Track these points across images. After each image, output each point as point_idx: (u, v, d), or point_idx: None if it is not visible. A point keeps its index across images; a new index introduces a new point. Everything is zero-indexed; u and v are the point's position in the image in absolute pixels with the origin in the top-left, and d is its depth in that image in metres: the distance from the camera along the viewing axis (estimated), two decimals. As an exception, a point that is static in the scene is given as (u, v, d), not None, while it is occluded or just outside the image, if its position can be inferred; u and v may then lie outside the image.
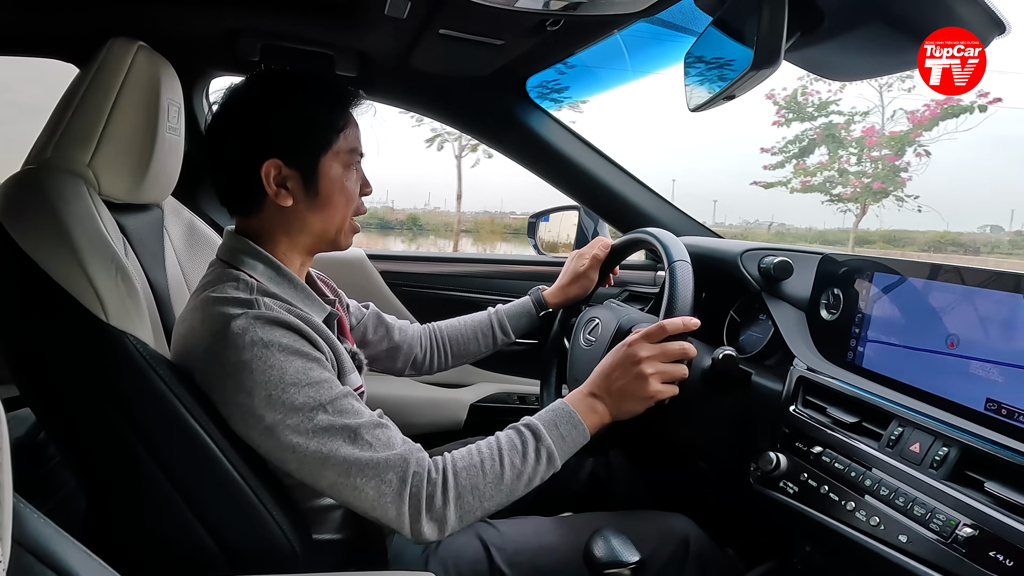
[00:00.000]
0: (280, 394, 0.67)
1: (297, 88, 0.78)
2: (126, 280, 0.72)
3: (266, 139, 0.76)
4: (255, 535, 0.71)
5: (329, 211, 0.80)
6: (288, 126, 0.76)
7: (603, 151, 1.48)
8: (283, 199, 0.77)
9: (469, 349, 1.17)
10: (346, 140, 0.80)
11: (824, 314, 0.93)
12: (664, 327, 0.80)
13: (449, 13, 0.97)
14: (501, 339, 1.16)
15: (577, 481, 1.14)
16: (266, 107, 0.77)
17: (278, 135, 0.76)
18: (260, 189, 0.76)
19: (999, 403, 0.66)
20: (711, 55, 0.86)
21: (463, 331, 1.16)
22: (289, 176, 0.77)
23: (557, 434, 0.76)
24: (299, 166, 0.77)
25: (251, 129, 0.76)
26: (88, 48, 0.84)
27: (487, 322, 1.16)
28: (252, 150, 0.76)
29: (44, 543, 0.41)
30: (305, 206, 0.78)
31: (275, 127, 0.76)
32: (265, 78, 0.80)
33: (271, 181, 0.76)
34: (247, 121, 0.77)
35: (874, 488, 0.70)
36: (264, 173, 0.76)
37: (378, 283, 1.52)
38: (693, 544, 0.90)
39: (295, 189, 0.77)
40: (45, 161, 0.77)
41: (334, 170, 0.79)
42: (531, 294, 1.18)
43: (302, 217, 0.79)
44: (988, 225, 10.16)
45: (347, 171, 0.81)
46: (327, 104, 0.79)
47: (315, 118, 0.77)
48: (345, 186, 0.80)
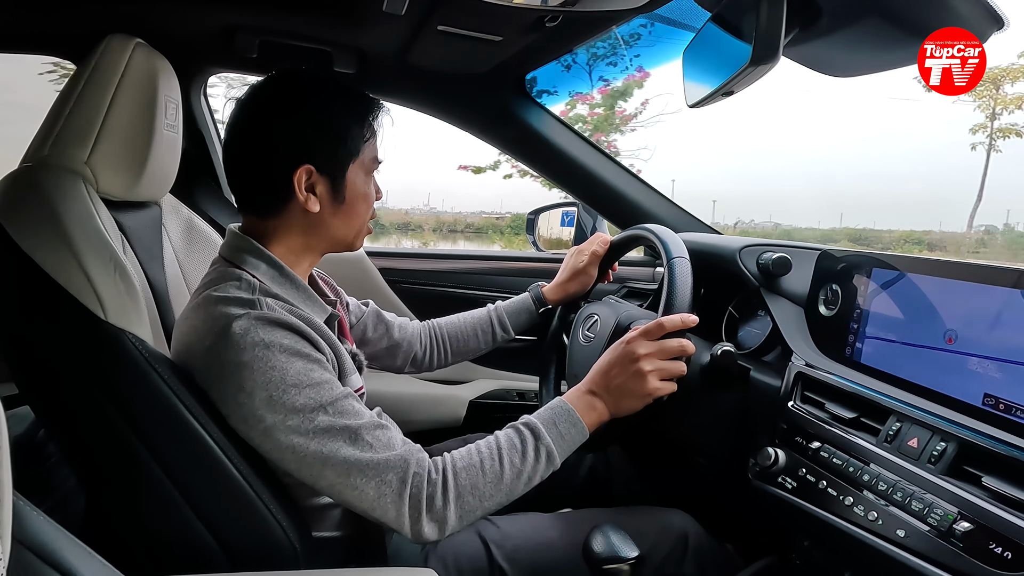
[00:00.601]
0: (281, 395, 0.67)
1: (331, 97, 0.78)
2: (124, 278, 0.72)
3: (301, 145, 0.76)
4: (255, 533, 0.71)
5: (352, 217, 0.82)
6: (324, 134, 0.77)
7: (601, 147, 1.48)
8: (311, 204, 0.77)
9: (469, 346, 1.16)
10: (370, 149, 0.81)
11: (822, 310, 0.94)
12: (663, 324, 0.80)
13: (447, 9, 0.97)
14: (501, 336, 1.16)
15: (576, 477, 1.14)
16: (301, 114, 0.77)
17: (314, 142, 0.77)
18: (287, 193, 0.77)
19: (997, 398, 0.66)
20: (709, 51, 0.86)
21: (463, 328, 1.16)
22: (318, 182, 0.77)
23: (556, 432, 0.76)
24: (329, 173, 0.78)
25: (285, 135, 0.76)
26: (85, 45, 0.83)
27: (487, 319, 1.16)
28: (285, 155, 0.76)
29: (44, 541, 0.41)
30: (330, 212, 0.79)
31: (312, 135, 0.77)
32: (293, 82, 0.79)
33: (302, 187, 0.76)
34: (280, 126, 0.76)
35: (872, 483, 0.70)
36: (296, 178, 0.76)
37: (377, 280, 1.52)
38: (692, 540, 0.90)
39: (323, 195, 0.78)
40: (42, 159, 0.77)
41: (359, 178, 0.81)
42: (530, 290, 1.18)
43: (325, 222, 0.80)
44: (984, 225, 10.33)
45: (368, 178, 0.83)
46: (358, 114, 0.80)
47: (349, 128, 0.78)
48: (367, 193, 0.82)
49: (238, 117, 0.78)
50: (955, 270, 0.74)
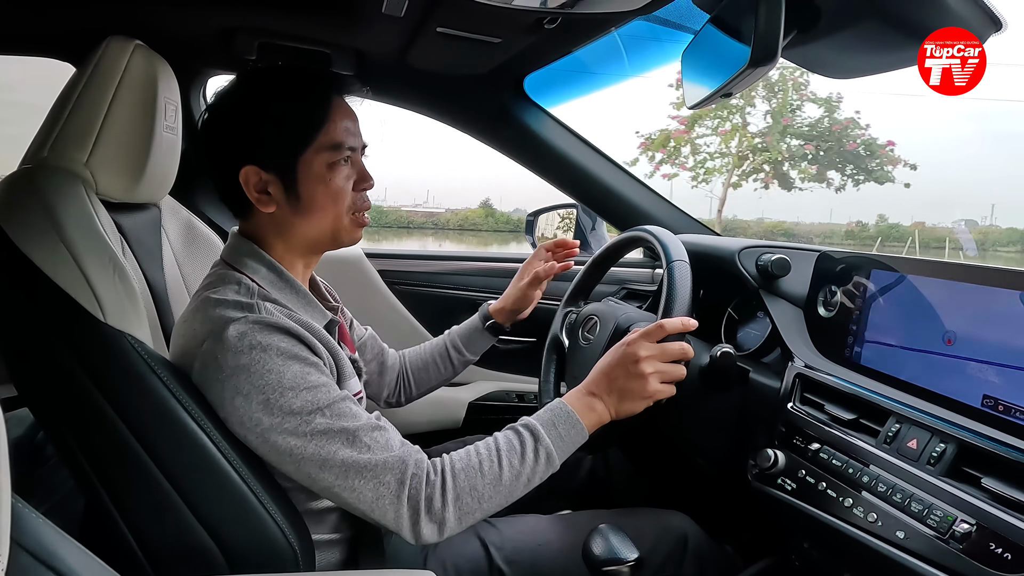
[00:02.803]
0: (278, 398, 0.67)
1: (269, 86, 0.75)
2: (124, 279, 0.72)
3: (241, 144, 0.74)
4: (254, 535, 0.71)
5: (316, 214, 0.76)
6: (260, 128, 0.73)
7: (600, 148, 1.48)
8: (265, 205, 0.75)
9: (431, 376, 1.13)
10: (327, 135, 0.75)
11: (822, 311, 0.94)
12: (664, 327, 0.80)
13: (446, 11, 0.97)
14: (459, 360, 1.12)
15: (575, 479, 1.14)
16: (239, 110, 0.75)
17: (252, 139, 0.74)
18: (244, 197, 0.75)
19: (996, 399, 0.66)
20: (708, 52, 0.86)
21: (424, 358, 1.12)
22: (269, 181, 0.74)
23: (556, 434, 0.76)
24: (277, 170, 0.74)
25: (227, 134, 0.75)
26: (85, 47, 0.83)
27: (442, 346, 1.13)
28: (230, 156, 0.74)
29: (43, 543, 0.40)
30: (290, 211, 0.76)
31: (248, 131, 0.74)
32: (243, 79, 0.78)
33: (251, 188, 0.74)
34: (224, 126, 0.76)
35: (872, 484, 0.70)
36: (243, 180, 0.74)
37: (376, 281, 1.51)
38: (691, 541, 0.90)
39: (276, 194, 0.75)
40: (42, 160, 0.77)
41: (315, 169, 0.75)
42: (480, 310, 1.14)
43: (290, 222, 0.77)
44: (963, 220, 10.95)
45: (333, 169, 0.75)
46: (300, 99, 0.74)
47: (286, 116, 0.73)
48: (331, 184, 0.75)
49: (201, 123, 0.77)
50: (954, 271, 0.74)
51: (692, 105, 0.90)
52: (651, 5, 0.89)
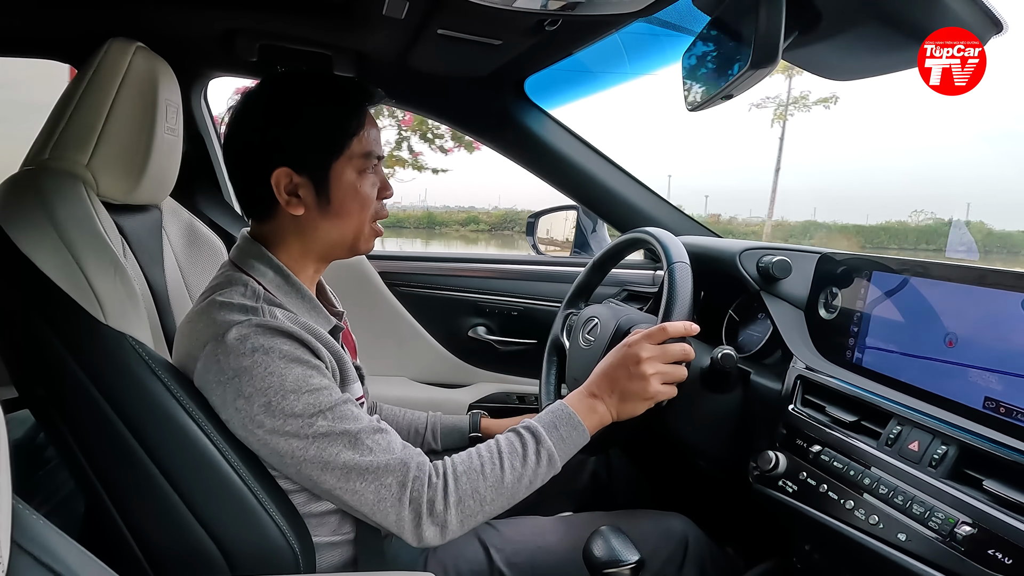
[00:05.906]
0: (279, 401, 0.67)
1: (305, 91, 0.76)
2: (125, 281, 0.72)
3: (275, 146, 0.75)
4: (255, 537, 0.71)
5: (343, 219, 0.78)
6: (296, 132, 0.75)
7: (601, 150, 1.48)
8: (294, 208, 0.75)
9: None
10: (360, 143, 0.77)
11: (823, 313, 0.94)
12: (666, 329, 0.80)
13: (447, 13, 0.97)
14: (429, 444, 1.06)
15: (577, 481, 1.14)
16: (274, 113, 0.76)
17: (287, 142, 0.75)
18: (272, 197, 0.75)
19: (998, 401, 0.66)
20: (709, 54, 0.86)
21: (401, 422, 1.08)
22: (300, 184, 0.75)
23: (557, 436, 0.76)
24: (310, 174, 0.75)
25: (260, 136, 0.75)
26: (86, 49, 0.84)
27: (423, 424, 1.08)
28: (262, 158, 0.75)
29: (43, 544, 0.40)
30: (318, 214, 0.77)
31: (283, 134, 0.75)
32: (275, 82, 0.78)
33: (282, 190, 0.75)
34: (256, 127, 0.76)
35: (873, 487, 0.70)
36: (274, 182, 0.74)
37: (377, 283, 1.52)
38: (692, 543, 0.90)
39: (307, 197, 0.76)
40: (43, 162, 0.77)
41: (347, 176, 0.76)
42: (471, 416, 1.08)
43: (315, 225, 0.77)
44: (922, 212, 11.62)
45: (362, 176, 0.78)
46: (337, 106, 0.76)
47: (323, 123, 0.75)
48: (360, 192, 0.77)
49: (228, 123, 0.78)
50: (955, 273, 0.74)
51: (692, 107, 0.90)
52: (652, 7, 0.89)
